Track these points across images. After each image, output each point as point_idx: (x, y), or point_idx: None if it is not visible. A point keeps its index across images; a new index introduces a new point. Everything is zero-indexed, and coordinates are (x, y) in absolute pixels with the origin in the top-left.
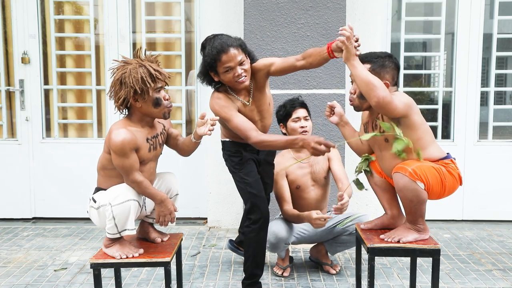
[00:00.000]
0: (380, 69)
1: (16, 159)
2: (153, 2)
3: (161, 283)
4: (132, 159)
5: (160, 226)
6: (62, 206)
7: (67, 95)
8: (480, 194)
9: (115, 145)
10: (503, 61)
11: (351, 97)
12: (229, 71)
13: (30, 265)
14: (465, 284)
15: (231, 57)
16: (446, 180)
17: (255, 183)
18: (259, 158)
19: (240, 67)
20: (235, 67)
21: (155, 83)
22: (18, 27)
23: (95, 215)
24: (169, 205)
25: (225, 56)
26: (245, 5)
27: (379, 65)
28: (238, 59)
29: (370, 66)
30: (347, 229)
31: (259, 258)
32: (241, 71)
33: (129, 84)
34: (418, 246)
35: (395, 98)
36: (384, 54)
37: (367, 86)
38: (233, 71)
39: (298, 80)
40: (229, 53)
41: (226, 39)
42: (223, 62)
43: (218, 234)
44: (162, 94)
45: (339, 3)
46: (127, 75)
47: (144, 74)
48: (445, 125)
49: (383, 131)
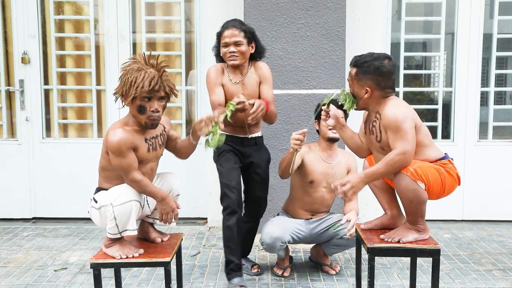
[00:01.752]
0: (363, 75)
1: (16, 159)
2: (153, 2)
3: (161, 283)
4: (129, 159)
5: (164, 224)
6: (62, 206)
7: (67, 95)
8: (480, 194)
9: (112, 145)
10: (503, 61)
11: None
12: (225, 46)
13: (30, 265)
14: (465, 284)
15: (230, 34)
16: (446, 180)
17: (228, 172)
18: (244, 151)
19: (234, 47)
20: (230, 45)
21: (138, 92)
22: (18, 27)
23: (96, 216)
24: (171, 202)
25: (226, 32)
26: (245, 5)
27: (363, 71)
28: (235, 39)
29: (355, 71)
30: (338, 233)
31: (231, 244)
32: (234, 50)
33: (122, 82)
34: (418, 246)
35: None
36: (379, 57)
37: (391, 169)
38: (227, 48)
39: (298, 80)
40: (229, 30)
41: (235, 22)
42: (223, 37)
43: (218, 234)
44: (151, 104)
45: (339, 3)
46: (124, 73)
47: (135, 80)
48: (445, 125)
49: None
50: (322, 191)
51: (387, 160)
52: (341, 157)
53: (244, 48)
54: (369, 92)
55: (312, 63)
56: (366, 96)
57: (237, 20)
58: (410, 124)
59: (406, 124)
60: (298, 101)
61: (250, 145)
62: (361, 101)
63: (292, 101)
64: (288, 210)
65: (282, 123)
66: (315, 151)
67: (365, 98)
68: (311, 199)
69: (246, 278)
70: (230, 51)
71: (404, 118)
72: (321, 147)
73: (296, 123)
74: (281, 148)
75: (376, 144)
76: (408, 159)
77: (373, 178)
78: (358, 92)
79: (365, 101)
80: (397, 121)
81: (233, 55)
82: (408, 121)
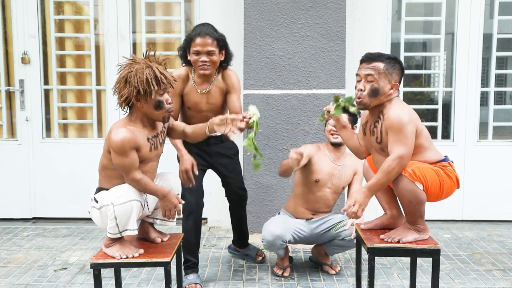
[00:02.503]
0: (392, 69)
1: (16, 159)
2: (153, 2)
3: (161, 283)
4: (132, 158)
5: (168, 220)
6: (62, 206)
7: (67, 95)
8: (480, 194)
9: (115, 144)
10: (503, 61)
11: (360, 94)
12: (196, 54)
13: (30, 265)
14: (465, 284)
15: (202, 43)
16: (444, 182)
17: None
18: (209, 150)
19: (206, 56)
20: (202, 54)
21: (159, 86)
22: (18, 27)
23: (97, 215)
24: (172, 198)
25: (198, 39)
26: (245, 5)
27: (391, 66)
28: (208, 48)
29: (384, 66)
30: (339, 234)
31: (189, 245)
32: (206, 59)
33: (133, 83)
34: (418, 246)
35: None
36: (393, 56)
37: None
38: (199, 56)
39: (298, 80)
40: (203, 39)
41: (208, 28)
42: (195, 44)
43: (218, 234)
44: (165, 97)
45: (339, 3)
46: (133, 74)
47: (149, 76)
48: (445, 125)
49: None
50: (326, 191)
51: (384, 168)
52: (349, 161)
53: (216, 58)
54: (395, 87)
55: (312, 63)
56: (391, 92)
57: (210, 26)
58: (412, 129)
59: (408, 127)
60: (298, 101)
61: (215, 143)
62: (382, 97)
63: (292, 101)
64: (289, 209)
65: (282, 123)
66: (324, 151)
67: (387, 94)
68: (314, 197)
69: (246, 278)
70: (202, 60)
71: (408, 122)
72: (329, 148)
73: (296, 123)
74: (281, 148)
75: (376, 146)
76: (404, 163)
77: (376, 190)
78: (383, 87)
79: (385, 97)
80: (401, 123)
81: (204, 64)
82: (411, 125)
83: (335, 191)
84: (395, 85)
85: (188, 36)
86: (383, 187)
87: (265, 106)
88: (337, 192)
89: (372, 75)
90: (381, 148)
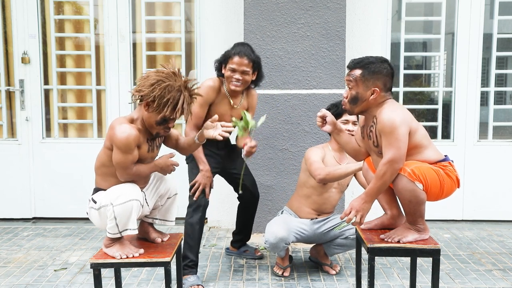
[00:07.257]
0: (371, 75)
1: (16, 159)
2: (153, 2)
3: (161, 283)
4: (134, 156)
5: (169, 173)
6: (62, 206)
7: (67, 95)
8: (480, 194)
9: (120, 140)
10: (503, 61)
11: (343, 101)
12: (232, 71)
13: (30, 265)
14: (465, 284)
15: (240, 62)
16: (445, 182)
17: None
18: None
19: (240, 75)
20: (237, 72)
21: (172, 113)
22: (18, 27)
23: (96, 216)
24: (166, 161)
25: (236, 58)
26: (245, 5)
27: (370, 71)
28: (243, 68)
29: (361, 72)
30: (343, 233)
31: (191, 240)
32: (239, 78)
33: (155, 93)
34: (418, 246)
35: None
36: (380, 59)
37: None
38: (234, 73)
39: (298, 80)
40: (241, 59)
41: (247, 49)
42: (232, 62)
43: (218, 234)
44: (173, 122)
45: (339, 3)
46: (162, 86)
47: (172, 100)
48: (445, 125)
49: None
50: (333, 191)
51: (377, 174)
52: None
53: (249, 78)
54: (376, 93)
55: (312, 63)
56: (372, 97)
57: (249, 47)
58: (404, 131)
59: (400, 130)
60: (298, 101)
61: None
62: (364, 103)
63: (292, 101)
64: (293, 207)
65: (282, 123)
66: (328, 152)
67: (370, 100)
68: (320, 198)
69: (246, 278)
70: (236, 77)
71: (399, 124)
72: (333, 147)
73: (296, 123)
74: (281, 148)
75: (374, 149)
76: (395, 166)
77: (374, 194)
78: (362, 94)
79: (369, 103)
80: (392, 126)
81: (237, 81)
82: (403, 127)
83: (341, 190)
84: (375, 91)
85: (227, 52)
86: (381, 191)
87: (265, 106)
88: (342, 191)
89: (351, 82)
90: (379, 151)
